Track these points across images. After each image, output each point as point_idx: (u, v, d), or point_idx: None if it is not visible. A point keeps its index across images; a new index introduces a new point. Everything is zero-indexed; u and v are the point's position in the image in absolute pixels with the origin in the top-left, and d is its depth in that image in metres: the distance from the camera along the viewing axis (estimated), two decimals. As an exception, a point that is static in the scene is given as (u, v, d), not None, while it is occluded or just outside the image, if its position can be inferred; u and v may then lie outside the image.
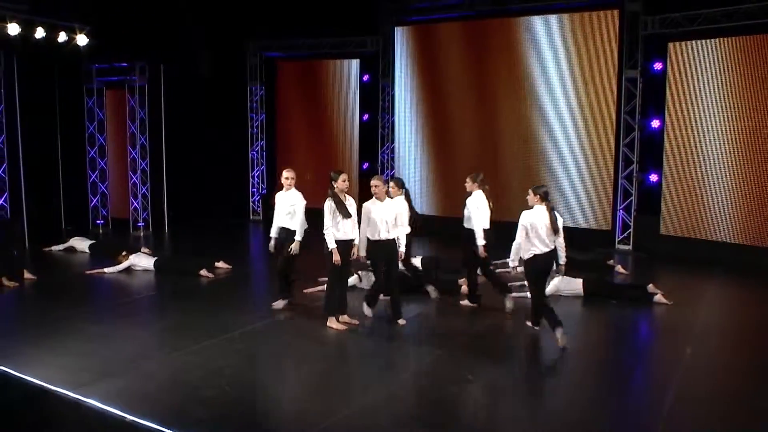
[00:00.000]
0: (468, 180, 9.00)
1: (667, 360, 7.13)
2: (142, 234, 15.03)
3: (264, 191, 17.07)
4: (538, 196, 7.58)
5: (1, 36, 11.85)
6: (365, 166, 15.76)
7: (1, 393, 6.21)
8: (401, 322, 8.03)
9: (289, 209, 8.45)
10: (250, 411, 5.77)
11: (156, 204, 15.35)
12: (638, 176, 12.80)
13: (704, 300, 9.48)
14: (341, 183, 7.80)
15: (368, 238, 7.96)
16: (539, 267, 7.48)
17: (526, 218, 7.52)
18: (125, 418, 5.38)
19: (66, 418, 5.77)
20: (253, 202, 17.29)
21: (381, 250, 7.93)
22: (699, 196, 12.01)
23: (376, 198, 7.96)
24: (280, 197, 8.60)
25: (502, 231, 13.50)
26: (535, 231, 7.40)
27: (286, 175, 8.57)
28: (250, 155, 17.16)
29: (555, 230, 7.40)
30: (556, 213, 7.58)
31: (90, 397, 5.74)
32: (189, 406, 5.71)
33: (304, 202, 8.47)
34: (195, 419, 5.48)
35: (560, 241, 7.52)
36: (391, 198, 8.38)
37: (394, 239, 8.00)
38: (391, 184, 8.90)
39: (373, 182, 8.04)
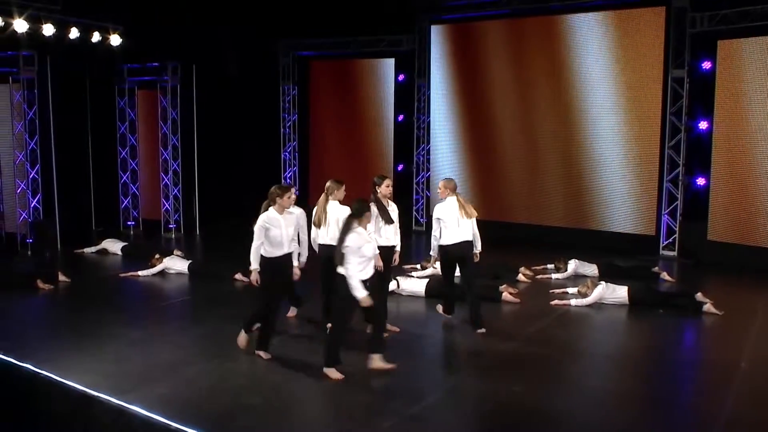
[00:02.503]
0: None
1: (719, 376, 6.78)
2: (173, 236, 14.90)
3: (297, 193, 16.84)
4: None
5: (35, 37, 11.82)
6: (400, 167, 15.49)
7: (45, 399, 6.21)
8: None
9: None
10: (295, 419, 5.64)
11: (188, 205, 15.22)
12: (684, 179, 12.37)
13: (756, 310, 9.04)
14: (384, 188, 7.66)
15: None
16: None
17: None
18: (170, 425, 5.32)
19: (110, 425, 5.72)
20: (285, 203, 17.07)
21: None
22: (749, 201, 11.53)
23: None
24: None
25: (541, 235, 13.45)
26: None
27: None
28: (283, 156, 16.96)
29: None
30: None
31: (133, 403, 5.69)
32: (234, 413, 5.65)
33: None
34: (241, 427, 5.41)
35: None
36: None
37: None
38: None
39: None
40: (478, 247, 8.00)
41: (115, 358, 6.92)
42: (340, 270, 6.31)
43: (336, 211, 7.67)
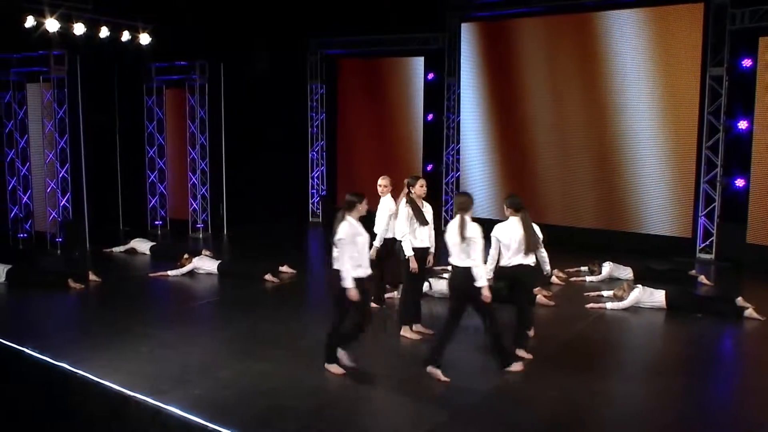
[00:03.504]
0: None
1: (762, 383, 6.59)
2: (201, 235, 14.86)
3: (323, 192, 16.79)
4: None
5: (66, 36, 11.85)
6: (429, 167, 15.31)
7: (82, 398, 6.20)
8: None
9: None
10: (334, 422, 5.56)
11: (215, 205, 15.16)
12: (722, 181, 12.05)
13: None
14: (419, 189, 7.57)
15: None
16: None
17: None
18: (207, 426, 5.29)
19: (147, 425, 5.69)
20: (313, 203, 17.00)
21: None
22: (791, 203, 11.23)
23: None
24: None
25: (574, 237, 13.20)
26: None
27: (383, 183, 8.30)
28: (310, 156, 16.88)
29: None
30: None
31: (169, 404, 5.66)
32: (270, 416, 5.60)
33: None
34: (277, 430, 5.37)
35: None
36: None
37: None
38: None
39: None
40: None
41: (148, 359, 6.89)
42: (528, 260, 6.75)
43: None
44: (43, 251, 12.77)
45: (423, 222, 7.47)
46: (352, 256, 6.16)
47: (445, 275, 10.17)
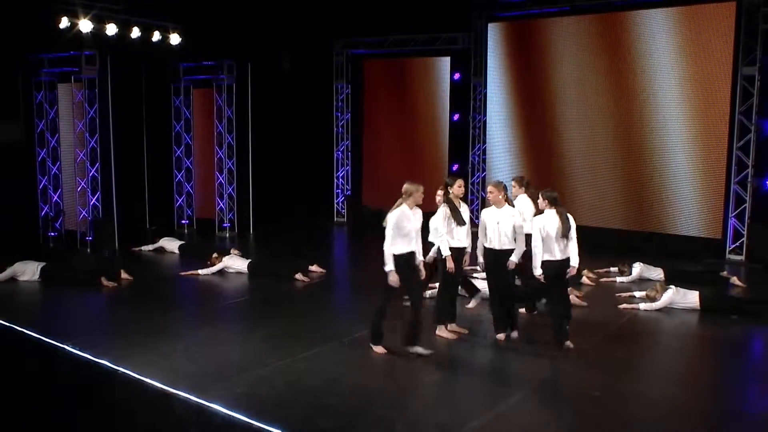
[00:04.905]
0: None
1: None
2: (227, 235, 14.93)
3: (348, 192, 16.81)
4: (547, 201, 7.36)
5: (97, 36, 11.95)
6: (455, 167, 15.29)
7: (125, 396, 6.24)
8: (514, 335, 7.63)
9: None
10: (374, 422, 5.55)
11: (242, 204, 15.23)
12: (753, 182, 11.95)
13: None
14: (457, 189, 7.56)
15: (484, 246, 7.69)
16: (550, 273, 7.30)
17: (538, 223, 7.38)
18: (252, 424, 5.30)
19: (191, 423, 5.71)
20: (338, 203, 17.04)
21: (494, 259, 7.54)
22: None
23: (495, 205, 7.63)
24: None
25: (603, 237, 13.12)
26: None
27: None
28: (335, 155, 16.92)
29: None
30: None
31: (212, 401, 5.67)
32: (312, 414, 5.60)
33: None
34: (320, 428, 5.36)
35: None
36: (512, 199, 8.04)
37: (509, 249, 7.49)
38: (512, 183, 8.55)
39: (488, 188, 7.82)
40: None
41: (186, 357, 6.93)
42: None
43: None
44: (73, 250, 12.90)
45: (460, 222, 7.45)
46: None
47: (477, 275, 10.21)
